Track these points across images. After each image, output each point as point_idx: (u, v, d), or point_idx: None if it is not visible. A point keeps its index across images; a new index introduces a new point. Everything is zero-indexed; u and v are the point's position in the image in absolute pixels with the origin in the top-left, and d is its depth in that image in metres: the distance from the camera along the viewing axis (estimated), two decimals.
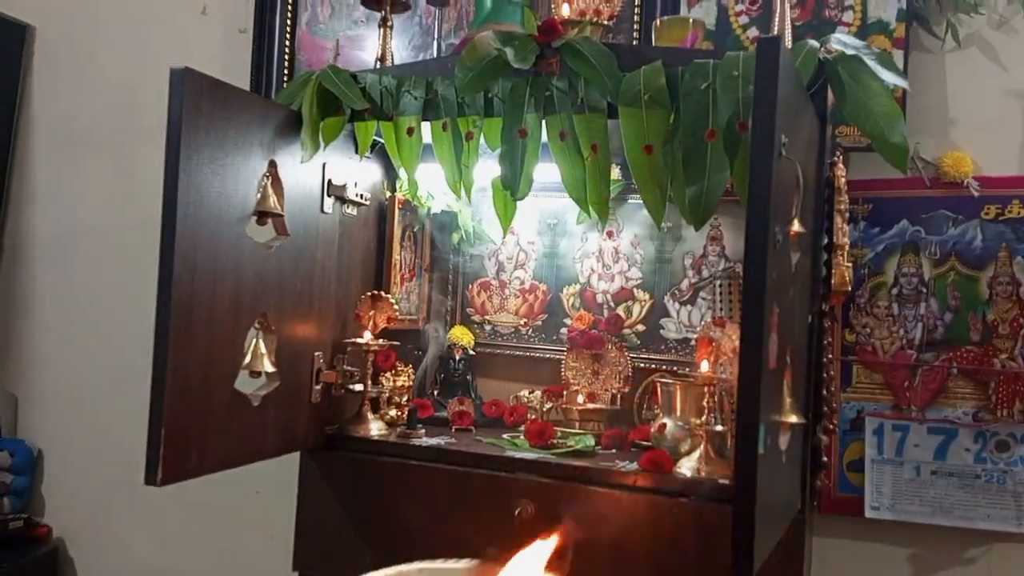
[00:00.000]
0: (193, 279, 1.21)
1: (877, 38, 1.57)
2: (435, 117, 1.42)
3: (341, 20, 2.05)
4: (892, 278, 1.57)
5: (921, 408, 1.52)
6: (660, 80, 1.26)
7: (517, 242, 1.83)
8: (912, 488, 1.51)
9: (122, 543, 2.20)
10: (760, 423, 0.88)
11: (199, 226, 1.22)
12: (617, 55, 1.31)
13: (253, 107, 1.31)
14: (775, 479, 1.01)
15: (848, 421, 1.57)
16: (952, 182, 1.54)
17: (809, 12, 1.62)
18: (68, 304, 2.31)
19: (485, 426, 1.67)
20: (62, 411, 2.31)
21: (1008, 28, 1.57)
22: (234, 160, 1.27)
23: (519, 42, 1.34)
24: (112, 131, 2.27)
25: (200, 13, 2.21)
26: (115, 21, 2.31)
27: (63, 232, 2.32)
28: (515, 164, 1.37)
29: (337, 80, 1.44)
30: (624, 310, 1.73)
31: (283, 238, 1.40)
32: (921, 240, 1.56)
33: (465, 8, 1.91)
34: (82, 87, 2.33)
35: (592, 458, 1.43)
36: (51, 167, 2.36)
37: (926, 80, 1.60)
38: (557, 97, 1.34)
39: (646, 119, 1.27)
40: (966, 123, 1.58)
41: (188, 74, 1.14)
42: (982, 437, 1.49)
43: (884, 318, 1.56)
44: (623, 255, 1.75)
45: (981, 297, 1.52)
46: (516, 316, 1.82)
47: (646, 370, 1.67)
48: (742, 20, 1.65)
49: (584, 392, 1.67)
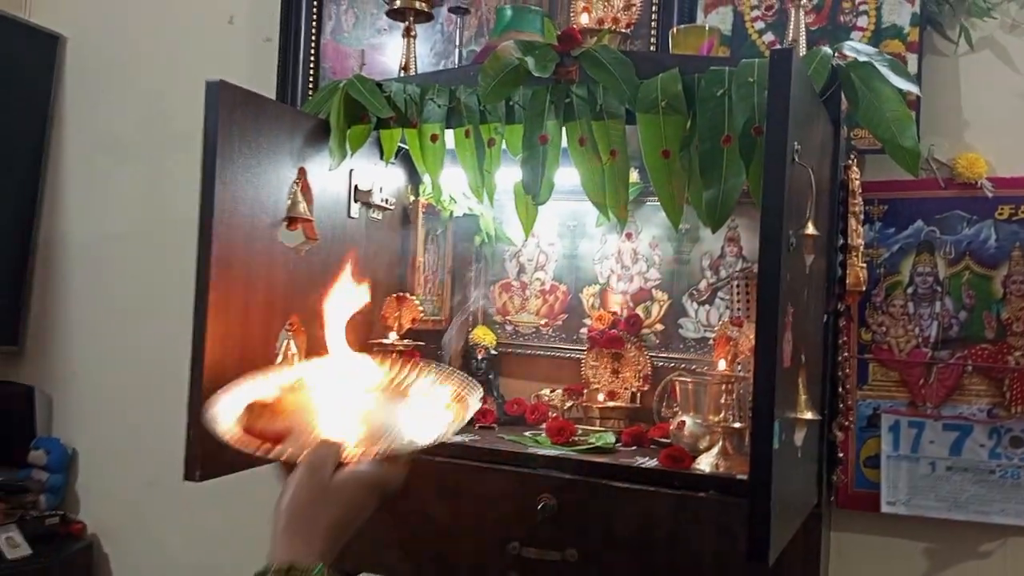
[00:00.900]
0: (228, 282, 1.27)
1: (892, 42, 1.60)
2: (458, 124, 1.47)
3: (365, 29, 2.10)
4: (908, 277, 1.59)
5: (936, 405, 1.55)
6: (677, 87, 1.30)
7: (538, 244, 1.87)
8: (928, 483, 1.54)
9: (155, 539, 2.27)
10: (775, 419, 0.92)
11: (233, 231, 1.27)
12: (635, 63, 1.34)
13: (283, 117, 1.37)
14: (790, 474, 1.05)
15: (865, 418, 1.60)
16: (966, 183, 1.57)
17: (824, 17, 1.65)
18: (101, 307, 2.38)
19: (507, 424, 1.71)
20: (96, 411, 2.38)
21: (1020, 31, 1.60)
22: (266, 168, 1.32)
23: (539, 51, 1.38)
24: (143, 138, 2.34)
25: (227, 23, 2.27)
26: (145, 31, 2.38)
27: (96, 237, 2.39)
28: (536, 169, 1.41)
29: (363, 89, 1.49)
30: (643, 310, 1.77)
31: (313, 242, 1.45)
32: (936, 240, 1.58)
33: (486, 16, 1.95)
34: (113, 95, 2.40)
35: (612, 454, 1.46)
36: (83, 174, 2.44)
37: (940, 83, 1.62)
38: (577, 104, 1.38)
39: (663, 125, 1.31)
40: (980, 125, 1.61)
41: (223, 86, 1.20)
42: (996, 433, 1.51)
43: (900, 317, 1.59)
44: (642, 256, 1.78)
45: (995, 296, 1.54)
46: (537, 316, 1.86)
47: (665, 369, 1.71)
48: (758, 26, 1.68)
49: (604, 391, 1.71)
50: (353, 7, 2.10)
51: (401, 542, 1.49)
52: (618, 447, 1.53)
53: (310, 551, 0.81)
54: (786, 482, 1.02)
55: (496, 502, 1.43)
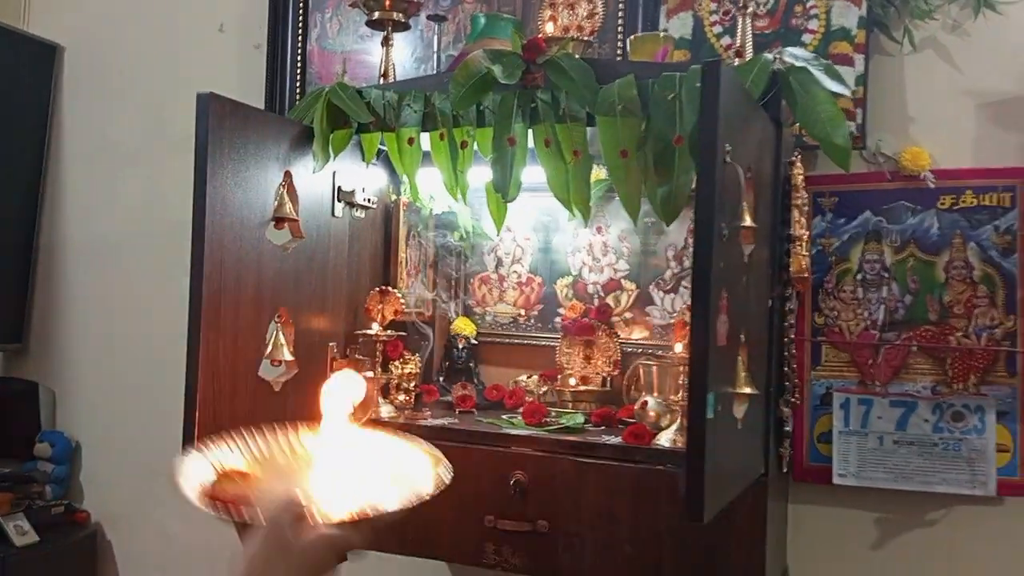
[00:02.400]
0: (220, 277, 1.38)
1: (840, 44, 1.71)
2: (433, 128, 1.57)
3: (348, 35, 2.20)
4: (857, 264, 1.70)
5: (884, 383, 1.66)
6: (632, 92, 1.40)
7: (514, 238, 1.97)
8: (876, 457, 1.65)
9: (157, 526, 2.37)
10: (708, 392, 1.03)
11: (224, 231, 1.38)
12: (595, 69, 1.45)
13: (269, 124, 1.47)
14: (729, 443, 1.16)
15: (818, 397, 1.70)
16: (911, 175, 1.67)
17: (778, 21, 1.75)
18: (101, 305, 2.48)
19: (487, 408, 1.81)
20: (98, 405, 2.48)
21: (961, 32, 1.69)
22: (254, 172, 1.43)
23: (507, 60, 1.48)
24: (139, 143, 2.43)
25: (218, 31, 2.37)
26: (139, 39, 2.47)
27: (95, 238, 2.49)
28: (505, 169, 1.51)
29: (344, 96, 1.59)
30: (613, 299, 1.87)
31: (299, 240, 1.55)
32: (883, 229, 1.69)
33: (463, 23, 2.05)
34: (110, 103, 2.50)
35: (581, 433, 1.57)
36: (82, 178, 2.54)
37: (886, 81, 1.72)
38: (542, 108, 1.48)
39: (621, 127, 1.41)
40: (923, 120, 1.71)
41: (213, 98, 1.30)
42: (939, 409, 1.62)
43: (850, 301, 1.70)
44: (611, 248, 1.89)
45: (938, 280, 1.65)
46: (514, 307, 1.97)
47: (633, 355, 1.81)
48: (716, 30, 1.78)
49: (577, 376, 1.82)
50: (337, 15, 2.20)
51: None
52: (588, 427, 1.63)
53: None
54: (724, 450, 1.13)
55: (473, 479, 1.53)
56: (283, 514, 0.85)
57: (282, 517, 0.84)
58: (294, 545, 0.83)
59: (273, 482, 0.94)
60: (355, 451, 0.98)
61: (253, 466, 0.99)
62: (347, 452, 0.97)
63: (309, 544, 0.84)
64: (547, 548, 1.47)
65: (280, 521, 0.84)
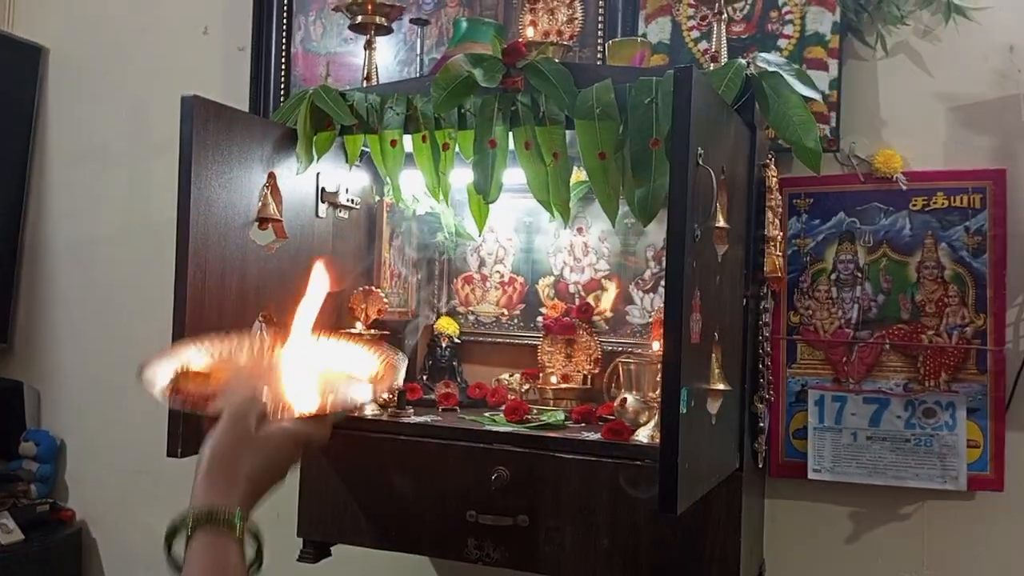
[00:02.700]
0: (204, 278, 1.40)
1: (815, 49, 1.74)
2: (415, 130, 1.59)
3: (332, 38, 2.22)
4: (831, 264, 1.74)
5: (858, 381, 1.69)
6: (610, 95, 1.43)
7: (496, 239, 2.00)
8: (850, 452, 1.68)
9: (141, 524, 2.38)
10: (681, 388, 1.06)
11: (208, 232, 1.40)
12: (573, 73, 1.48)
13: (253, 126, 1.49)
14: (702, 438, 1.19)
15: (793, 394, 1.74)
16: (883, 177, 1.71)
17: (754, 26, 1.79)
18: (85, 305, 2.49)
19: (470, 406, 1.84)
20: (82, 404, 2.49)
21: (932, 37, 1.73)
22: (238, 174, 1.45)
23: (487, 64, 1.51)
24: (124, 144, 2.44)
25: (202, 33, 2.38)
26: (124, 42, 2.48)
27: (79, 239, 2.50)
28: (486, 171, 1.54)
29: (327, 99, 1.61)
30: (594, 299, 1.90)
31: (282, 240, 1.58)
32: (856, 230, 1.72)
33: (445, 26, 2.08)
34: (95, 104, 2.50)
35: (561, 430, 1.60)
36: (67, 179, 2.54)
37: (860, 85, 1.76)
38: (522, 111, 1.51)
39: (599, 130, 1.44)
40: (895, 124, 1.75)
41: (197, 101, 1.32)
42: (911, 405, 1.66)
43: (824, 301, 1.74)
44: (592, 249, 1.92)
45: (910, 280, 1.68)
46: (497, 307, 1.99)
47: (614, 353, 1.84)
48: (693, 35, 1.82)
49: (558, 374, 1.85)
50: (321, 18, 2.22)
51: (368, 514, 1.62)
52: (568, 424, 1.66)
53: (229, 497, 0.82)
54: (698, 445, 1.16)
55: (455, 475, 1.56)
56: (247, 407, 0.87)
57: (246, 409, 0.87)
58: (257, 437, 0.85)
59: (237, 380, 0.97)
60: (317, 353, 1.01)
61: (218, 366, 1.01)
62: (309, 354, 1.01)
63: (271, 436, 0.86)
64: (528, 542, 1.50)
65: (244, 413, 0.86)
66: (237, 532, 0.81)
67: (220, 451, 0.84)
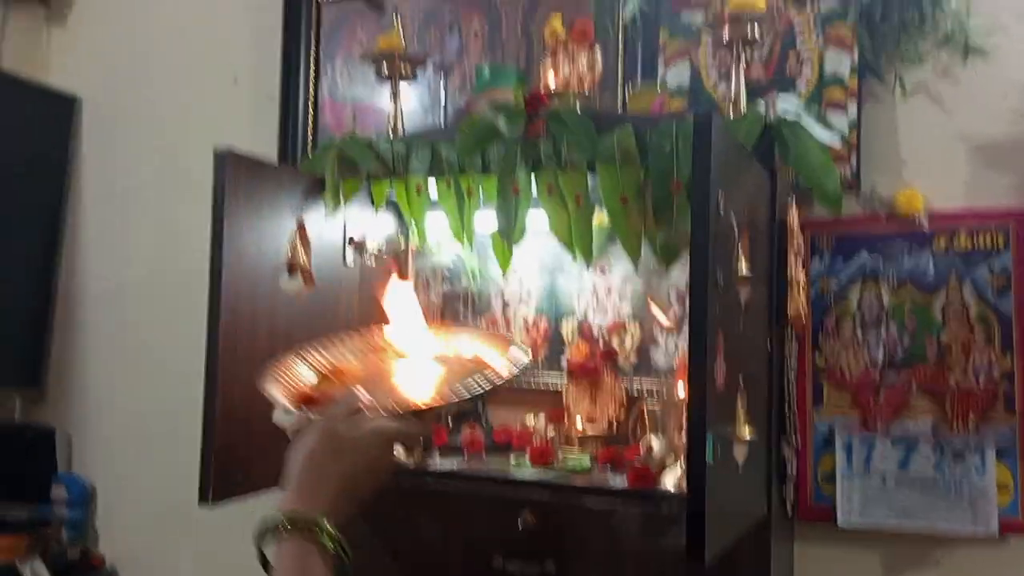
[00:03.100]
0: (236, 324, 1.43)
1: (833, 90, 1.75)
2: (440, 176, 1.63)
3: (358, 85, 2.27)
4: (856, 305, 1.73)
5: (885, 423, 1.68)
6: (630, 141, 1.45)
7: (520, 280, 2.01)
8: (879, 497, 1.66)
9: (172, 570, 2.39)
10: (707, 435, 1.06)
11: (240, 280, 1.43)
12: (594, 120, 1.51)
13: (282, 177, 1.53)
14: (729, 485, 1.19)
15: (821, 437, 1.73)
16: (906, 217, 1.71)
17: (772, 68, 1.81)
18: (117, 350, 2.53)
19: (495, 450, 1.84)
20: (113, 449, 2.52)
21: (951, 77, 1.74)
22: (268, 223, 1.48)
23: (509, 112, 1.54)
24: (157, 191, 2.50)
25: (233, 83, 2.44)
26: (156, 91, 2.55)
27: (112, 284, 2.55)
28: (510, 215, 1.57)
29: (355, 147, 1.66)
30: (618, 340, 1.91)
31: (311, 288, 1.60)
32: (880, 270, 1.72)
33: (469, 73, 2.12)
34: (128, 151, 2.57)
35: (586, 475, 1.60)
36: (101, 225, 2.60)
37: (879, 126, 1.77)
38: (544, 157, 1.53)
39: (620, 175, 1.46)
40: (916, 163, 1.75)
41: (229, 155, 1.36)
42: (940, 448, 1.64)
43: (850, 342, 1.73)
44: (615, 291, 1.93)
45: (935, 320, 1.68)
46: None
47: (638, 395, 1.84)
48: (712, 78, 1.84)
49: (583, 417, 1.85)
50: (347, 67, 2.27)
51: (395, 558, 1.63)
52: (594, 468, 1.66)
53: (314, 504, 0.79)
54: (725, 492, 1.16)
55: (481, 522, 1.57)
56: (337, 409, 0.84)
57: (335, 412, 0.84)
58: (346, 440, 0.81)
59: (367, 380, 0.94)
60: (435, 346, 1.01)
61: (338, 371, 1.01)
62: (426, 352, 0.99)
63: (362, 438, 0.82)
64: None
65: (333, 415, 0.83)
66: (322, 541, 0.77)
67: (311, 456, 0.81)
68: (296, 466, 0.82)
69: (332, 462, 0.81)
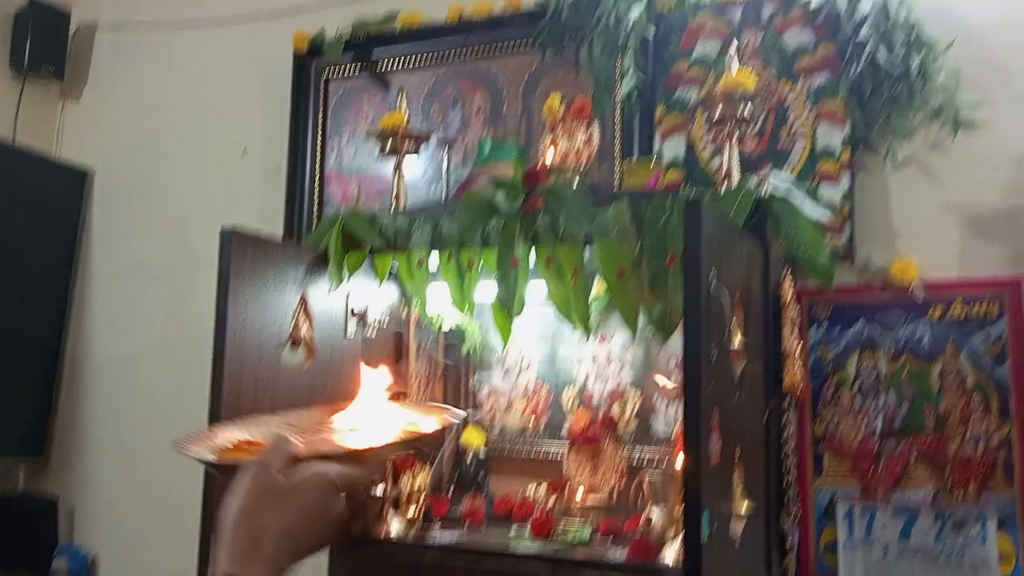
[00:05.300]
0: (239, 396, 1.45)
1: (826, 162, 1.80)
2: (441, 249, 1.66)
3: (363, 158, 2.33)
4: (854, 373, 1.74)
5: (886, 492, 1.68)
6: (626, 216, 1.49)
7: (520, 349, 2.03)
8: (881, 567, 1.65)
9: None
10: (702, 512, 1.07)
11: (243, 352, 1.46)
12: (591, 195, 1.55)
13: (287, 253, 1.57)
14: (727, 561, 1.19)
15: (822, 507, 1.72)
16: (901, 286, 1.73)
17: (766, 142, 1.85)
18: (122, 419, 2.55)
19: (496, 521, 1.84)
20: (116, 519, 2.51)
21: (941, 149, 1.78)
22: (272, 297, 1.51)
23: (508, 188, 1.59)
24: (165, 262, 2.54)
25: (241, 155, 2.51)
26: (167, 163, 2.62)
27: (118, 354, 2.58)
28: (510, 287, 1.60)
29: (358, 222, 1.70)
30: (618, 408, 1.92)
31: (313, 360, 1.63)
32: (877, 338, 1.74)
33: (471, 146, 2.17)
34: (137, 223, 2.62)
35: (587, 548, 1.59)
36: (107, 296, 2.64)
37: (872, 197, 1.80)
38: (542, 230, 1.57)
39: (616, 248, 1.49)
40: (910, 233, 1.78)
41: (235, 234, 1.40)
42: (941, 518, 1.63)
43: (849, 410, 1.74)
44: (615, 358, 1.95)
45: (933, 389, 1.68)
46: (522, 417, 2.01)
47: (640, 464, 1.84)
48: (707, 152, 1.89)
49: (585, 486, 1.85)
50: (353, 140, 2.33)
51: None
52: (595, 540, 1.66)
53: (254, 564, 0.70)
54: (722, 568, 1.16)
55: None
56: (270, 455, 0.77)
57: (269, 457, 0.77)
58: (285, 485, 0.74)
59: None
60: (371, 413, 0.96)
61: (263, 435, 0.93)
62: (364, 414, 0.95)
63: (303, 482, 0.75)
64: None
65: (267, 461, 0.76)
66: None
67: (244, 509, 0.72)
68: (230, 521, 0.72)
69: (270, 515, 0.72)
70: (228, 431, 0.93)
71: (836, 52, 1.79)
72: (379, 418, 0.95)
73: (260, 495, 0.73)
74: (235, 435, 0.91)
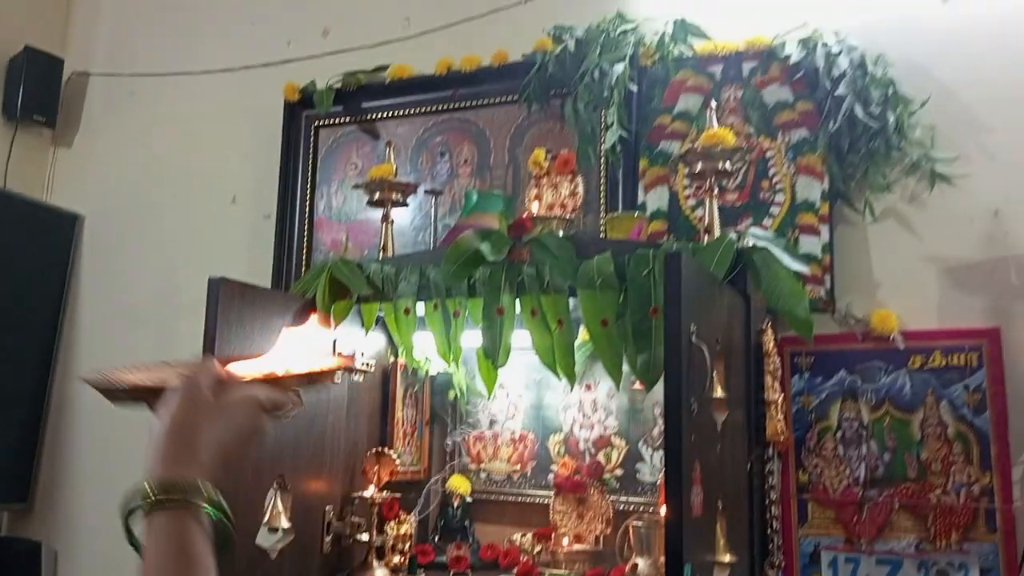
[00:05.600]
0: None
1: (806, 215, 1.83)
2: (428, 298, 1.68)
3: (352, 205, 2.35)
4: (836, 422, 1.76)
5: (870, 541, 1.68)
6: (610, 267, 1.51)
7: (507, 396, 2.05)
8: None
9: None
10: (684, 564, 1.08)
11: None
12: (575, 246, 1.57)
13: (274, 301, 1.59)
14: None
15: (807, 555, 1.73)
16: (881, 336, 1.76)
17: (747, 195, 1.89)
18: (107, 466, 2.53)
19: (482, 569, 1.83)
20: (99, 565, 2.48)
21: (918, 202, 1.82)
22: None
23: (494, 238, 1.61)
24: (153, 307, 2.55)
25: (231, 202, 2.53)
26: (156, 209, 2.63)
27: (104, 400, 2.56)
28: (495, 337, 1.61)
29: (345, 270, 1.71)
30: (604, 456, 1.93)
31: (299, 408, 1.63)
32: (858, 388, 1.76)
33: (458, 196, 2.20)
34: (126, 268, 2.63)
35: None
36: (96, 340, 2.64)
37: (851, 248, 1.84)
38: (527, 281, 1.59)
39: (600, 298, 1.52)
40: (889, 284, 1.81)
41: (222, 282, 1.42)
42: (924, 566, 1.64)
43: (831, 459, 1.75)
44: (601, 406, 1.96)
45: (914, 438, 1.70)
46: (508, 464, 2.02)
47: (626, 512, 1.85)
48: (690, 203, 1.92)
49: (571, 534, 1.85)
50: (342, 188, 2.36)
51: None
52: None
53: (190, 470, 0.74)
54: None
55: None
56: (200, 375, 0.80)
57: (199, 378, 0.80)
58: (215, 404, 0.78)
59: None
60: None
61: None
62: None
63: (235, 402, 0.80)
64: None
65: (197, 382, 0.79)
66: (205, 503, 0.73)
67: (178, 421, 0.76)
68: (166, 432, 0.77)
69: (205, 428, 0.77)
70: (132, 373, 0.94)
71: (815, 108, 1.84)
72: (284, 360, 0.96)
73: (194, 409, 0.78)
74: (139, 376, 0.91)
